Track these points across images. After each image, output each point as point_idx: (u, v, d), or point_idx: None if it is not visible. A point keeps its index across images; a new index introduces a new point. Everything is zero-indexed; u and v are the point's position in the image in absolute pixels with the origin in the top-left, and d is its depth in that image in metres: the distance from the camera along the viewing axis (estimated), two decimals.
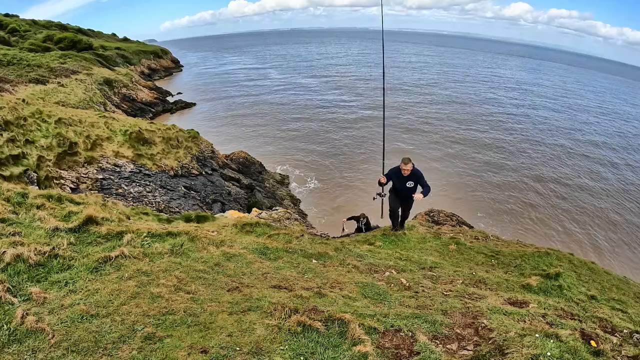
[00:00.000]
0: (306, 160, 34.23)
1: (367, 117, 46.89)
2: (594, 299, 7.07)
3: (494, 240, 11.68)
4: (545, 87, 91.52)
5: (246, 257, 6.59)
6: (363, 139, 39.82)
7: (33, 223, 6.11)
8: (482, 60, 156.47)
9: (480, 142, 41.24)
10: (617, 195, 30.47)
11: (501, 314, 5.20)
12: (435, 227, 13.18)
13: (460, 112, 53.68)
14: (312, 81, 79.16)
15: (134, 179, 18.38)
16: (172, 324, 4.22)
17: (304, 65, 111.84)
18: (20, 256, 4.78)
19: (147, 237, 6.46)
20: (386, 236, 10.65)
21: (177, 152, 22.87)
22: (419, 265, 8.17)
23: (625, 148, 44.33)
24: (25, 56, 43.38)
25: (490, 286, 7.17)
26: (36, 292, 4.27)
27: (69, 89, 36.41)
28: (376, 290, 6.12)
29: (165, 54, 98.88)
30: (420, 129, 44.28)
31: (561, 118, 56.12)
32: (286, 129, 43.65)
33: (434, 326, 4.79)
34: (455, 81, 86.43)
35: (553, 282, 7.46)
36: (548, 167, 35.18)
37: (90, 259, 5.27)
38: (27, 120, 17.59)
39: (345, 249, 8.44)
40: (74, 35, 67.57)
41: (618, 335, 5.04)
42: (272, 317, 4.54)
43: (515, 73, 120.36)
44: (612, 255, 22.49)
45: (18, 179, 13.01)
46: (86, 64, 48.93)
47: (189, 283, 5.23)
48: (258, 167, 28.90)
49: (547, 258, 9.59)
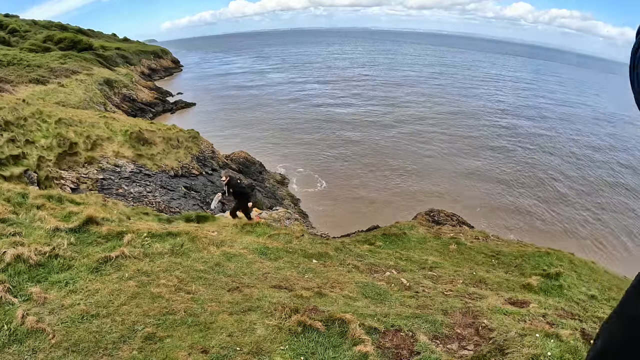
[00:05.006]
0: (307, 159, 34.26)
1: (368, 121, 46.72)
2: (594, 299, 7.08)
3: (495, 240, 11.68)
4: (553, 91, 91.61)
5: (246, 257, 6.59)
6: (366, 140, 39.92)
7: (33, 223, 6.12)
8: (480, 61, 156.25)
9: (479, 142, 41.27)
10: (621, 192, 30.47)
11: (502, 313, 5.20)
12: (435, 227, 13.18)
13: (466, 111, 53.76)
14: (311, 80, 79.20)
15: (134, 179, 18.38)
16: (173, 324, 4.22)
17: (304, 64, 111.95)
18: (20, 256, 4.79)
19: (147, 237, 6.47)
20: (387, 236, 10.66)
21: (177, 152, 22.87)
22: (420, 265, 8.17)
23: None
24: (26, 56, 43.41)
25: (491, 286, 7.18)
26: (36, 292, 4.28)
27: (69, 89, 36.41)
28: (376, 290, 6.12)
29: (166, 54, 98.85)
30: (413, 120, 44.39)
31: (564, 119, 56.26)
32: (286, 129, 43.66)
33: (434, 326, 4.79)
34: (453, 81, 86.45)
35: (553, 282, 7.46)
36: (551, 166, 35.20)
37: (91, 259, 5.28)
38: (27, 121, 17.59)
39: (345, 249, 8.45)
40: (74, 35, 67.52)
41: None
42: (272, 317, 4.55)
43: (516, 73, 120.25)
44: (614, 254, 22.53)
45: (18, 179, 13.01)
46: (86, 64, 48.93)
47: (189, 283, 5.24)
48: (258, 167, 28.89)
49: (548, 258, 9.60)
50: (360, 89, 66.14)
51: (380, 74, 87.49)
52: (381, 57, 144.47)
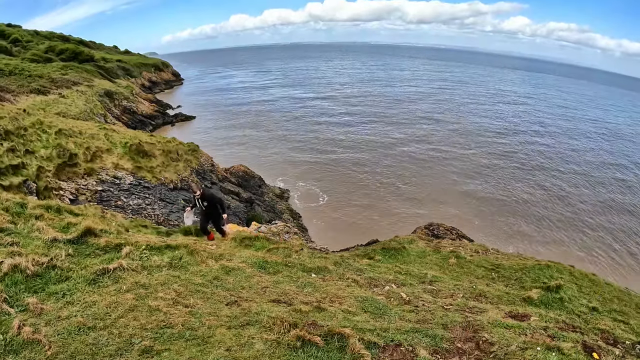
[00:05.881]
0: (307, 173, 34.35)
1: (368, 138, 46.84)
2: (595, 311, 7.04)
3: (494, 254, 11.65)
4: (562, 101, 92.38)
5: (245, 271, 6.55)
6: (366, 156, 40.08)
7: (31, 233, 6.09)
8: (480, 75, 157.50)
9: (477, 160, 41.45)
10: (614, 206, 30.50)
11: (502, 327, 5.16)
12: (435, 241, 13.15)
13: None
14: (311, 95, 79.73)
15: (133, 191, 18.36)
16: (170, 337, 4.17)
17: (305, 79, 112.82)
18: (17, 266, 4.75)
19: (145, 250, 6.43)
20: (386, 250, 10.62)
21: (176, 165, 22.89)
22: (419, 279, 8.12)
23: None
24: (27, 66, 43.68)
25: (491, 299, 7.13)
26: (33, 302, 4.23)
27: (69, 100, 36.59)
28: (376, 304, 6.07)
29: (166, 67, 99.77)
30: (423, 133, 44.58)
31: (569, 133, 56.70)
32: (287, 143, 43.85)
33: (434, 340, 4.75)
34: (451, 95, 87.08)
35: (554, 295, 7.43)
36: (551, 179, 35.29)
37: (89, 270, 5.24)
38: (27, 131, 17.63)
39: (344, 263, 8.41)
40: (75, 46, 68.09)
41: (620, 346, 5.02)
42: (271, 332, 4.50)
43: (516, 87, 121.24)
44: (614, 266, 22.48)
45: (17, 188, 13.00)
46: (87, 76, 49.30)
47: (187, 296, 5.19)
48: (257, 180, 28.91)
49: (548, 270, 9.57)
50: (360, 107, 66.55)
51: (380, 90, 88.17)
52: (380, 71, 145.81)
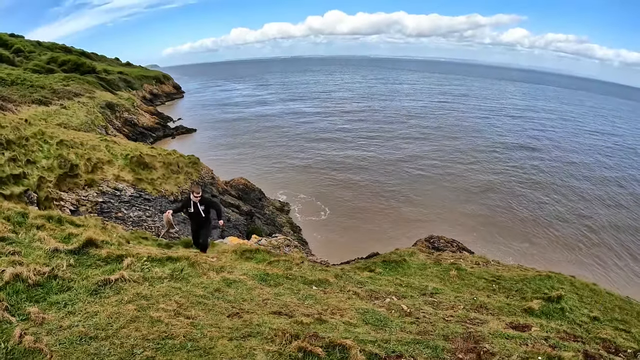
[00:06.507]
0: (308, 186, 34.41)
1: (370, 153, 47.02)
2: (596, 320, 7.03)
3: (495, 265, 11.64)
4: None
5: (246, 283, 6.55)
6: (368, 171, 40.25)
7: (33, 243, 6.10)
8: (479, 87, 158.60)
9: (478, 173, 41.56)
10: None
11: (503, 337, 5.16)
12: (435, 254, 13.14)
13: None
14: (312, 109, 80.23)
15: (133, 203, 18.36)
16: (172, 348, 4.16)
17: (305, 93, 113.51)
18: (19, 275, 4.75)
19: (147, 262, 6.43)
20: (387, 263, 10.62)
21: (177, 178, 22.93)
22: (420, 291, 8.11)
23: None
24: (29, 77, 43.94)
25: (492, 311, 7.11)
26: (35, 312, 4.23)
27: (71, 111, 36.78)
28: (377, 316, 6.06)
29: (167, 79, 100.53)
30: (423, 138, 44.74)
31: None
32: (287, 157, 44.03)
33: (435, 352, 4.74)
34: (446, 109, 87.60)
35: (555, 305, 7.42)
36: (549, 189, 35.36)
37: (90, 281, 5.24)
38: (29, 141, 17.72)
39: (345, 275, 8.40)
40: (77, 58, 68.60)
41: (622, 355, 5.01)
42: (272, 343, 4.48)
43: (516, 100, 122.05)
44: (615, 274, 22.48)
45: (18, 198, 13.01)
46: (89, 87, 49.63)
47: (188, 308, 5.18)
48: (258, 193, 28.91)
49: (549, 281, 9.56)
50: (361, 122, 66.82)
51: (381, 105, 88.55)
52: (380, 85, 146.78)
